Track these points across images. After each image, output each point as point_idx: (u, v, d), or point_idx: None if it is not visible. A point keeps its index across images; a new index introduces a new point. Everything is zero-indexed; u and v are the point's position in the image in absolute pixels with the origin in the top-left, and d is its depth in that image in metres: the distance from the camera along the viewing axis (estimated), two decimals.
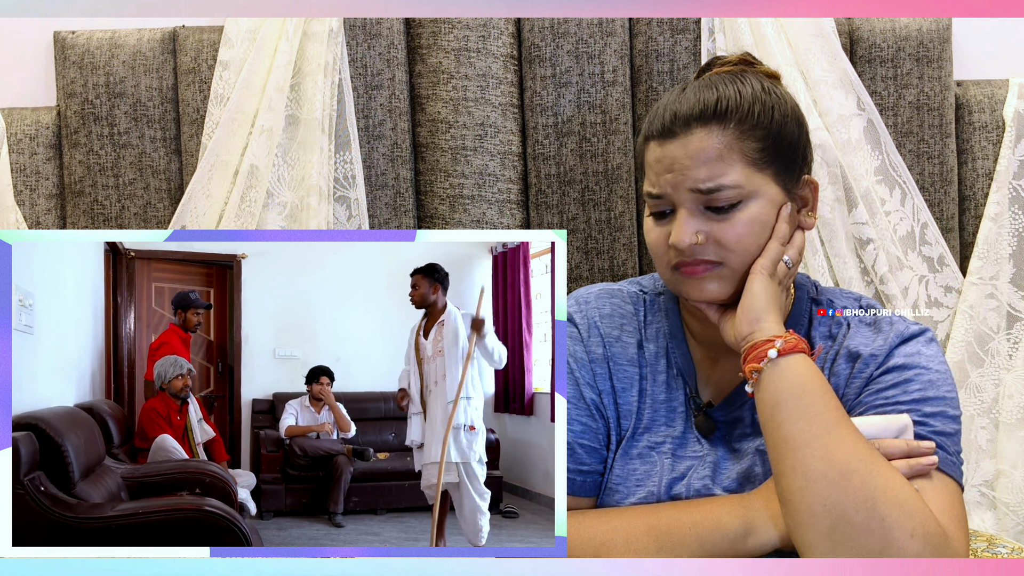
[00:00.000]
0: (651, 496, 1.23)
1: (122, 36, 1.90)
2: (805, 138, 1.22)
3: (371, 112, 1.89)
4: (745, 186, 1.15)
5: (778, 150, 1.17)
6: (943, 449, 1.13)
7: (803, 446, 1.06)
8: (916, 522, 1.03)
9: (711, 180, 1.14)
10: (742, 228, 1.15)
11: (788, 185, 1.19)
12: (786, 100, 1.21)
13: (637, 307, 1.31)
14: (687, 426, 1.26)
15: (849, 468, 1.04)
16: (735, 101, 1.16)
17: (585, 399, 1.26)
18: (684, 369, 1.28)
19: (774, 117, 1.17)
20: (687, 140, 1.15)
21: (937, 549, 1.03)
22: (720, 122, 1.15)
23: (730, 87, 1.18)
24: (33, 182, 1.90)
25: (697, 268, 1.16)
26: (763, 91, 1.19)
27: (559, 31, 1.88)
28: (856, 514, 1.02)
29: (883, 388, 1.17)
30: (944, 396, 1.16)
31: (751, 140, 1.16)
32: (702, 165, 1.14)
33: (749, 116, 1.16)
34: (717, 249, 1.16)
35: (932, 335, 1.22)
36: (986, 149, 1.89)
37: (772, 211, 1.17)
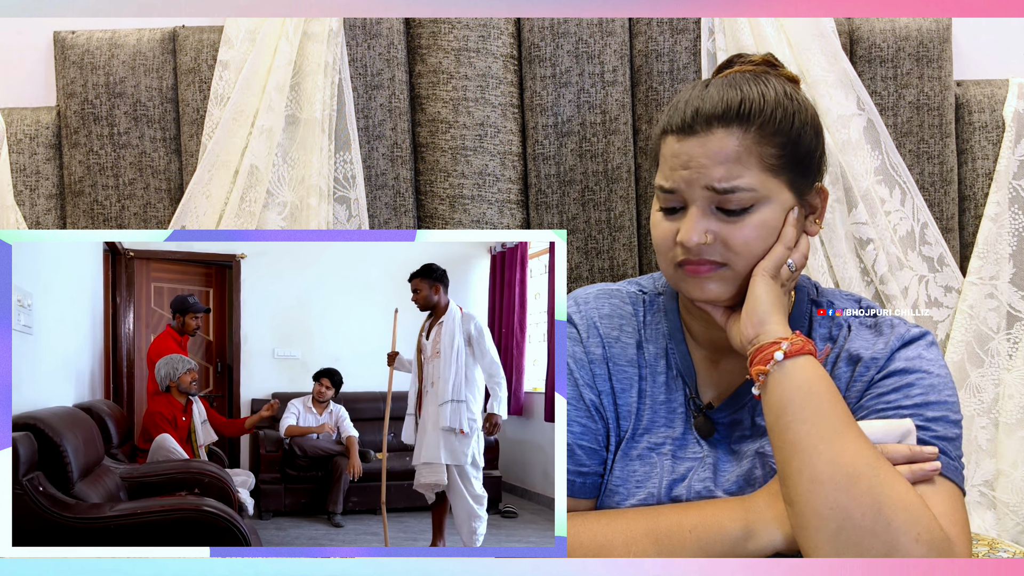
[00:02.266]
0: (651, 497, 1.23)
1: (122, 36, 1.90)
2: (822, 147, 1.22)
3: (371, 112, 1.89)
4: (759, 190, 1.14)
5: (795, 157, 1.17)
6: (945, 454, 1.13)
7: (810, 449, 1.06)
8: (921, 527, 1.03)
9: (727, 180, 1.13)
10: (751, 232, 1.15)
11: (801, 192, 1.19)
12: (807, 108, 1.20)
13: (636, 307, 1.31)
14: (687, 427, 1.26)
15: (856, 472, 1.04)
16: (759, 104, 1.15)
17: (584, 400, 1.26)
18: (684, 370, 1.27)
19: (794, 124, 1.17)
20: (707, 139, 1.14)
21: (941, 554, 1.03)
22: (742, 124, 1.14)
23: (754, 89, 1.17)
24: (33, 182, 1.90)
25: (701, 268, 1.16)
26: (786, 96, 1.18)
27: (559, 31, 1.88)
28: (862, 518, 1.03)
29: (885, 392, 1.17)
30: (946, 400, 1.16)
31: (770, 146, 1.15)
32: (719, 165, 1.14)
33: (771, 121, 1.15)
34: (723, 251, 1.15)
35: (933, 338, 1.22)
36: (986, 149, 1.89)
37: (782, 217, 1.17)
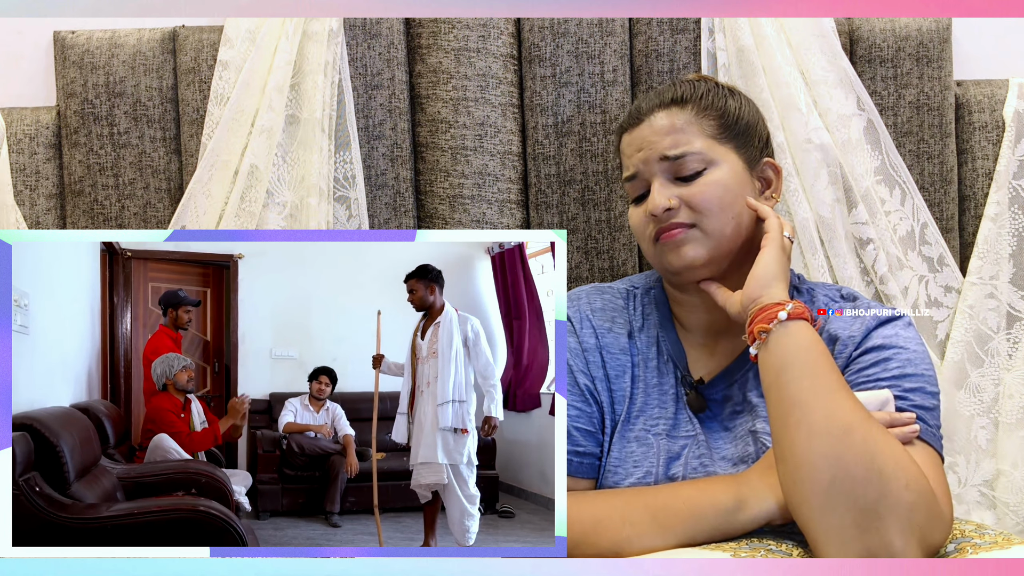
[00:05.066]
0: (649, 476, 1.28)
1: (122, 36, 1.90)
2: (762, 124, 1.36)
3: (371, 112, 1.88)
4: (707, 154, 1.29)
5: (735, 129, 1.32)
6: (923, 421, 1.19)
7: (808, 403, 1.11)
8: (911, 475, 1.07)
9: (676, 147, 1.29)
10: (709, 190, 1.27)
11: (749, 160, 1.32)
12: (740, 95, 1.37)
13: (627, 301, 1.40)
14: (679, 407, 1.32)
15: (851, 425, 1.09)
16: (690, 90, 1.33)
17: (579, 385, 1.32)
18: (674, 354, 1.34)
19: (728, 102, 1.33)
20: (651, 121, 1.32)
21: (928, 503, 1.07)
22: (679, 104, 1.32)
23: (686, 84, 1.35)
24: (33, 182, 1.90)
25: (674, 232, 1.27)
26: (716, 85, 1.36)
27: (559, 31, 1.87)
28: (856, 467, 1.06)
29: (863, 367, 1.23)
30: (923, 373, 1.23)
31: (708, 118, 1.31)
32: (666, 136, 1.30)
33: (703, 99, 1.32)
34: (688, 212, 1.27)
35: (909, 320, 1.29)
36: (986, 149, 1.89)
37: (734, 177, 1.29)
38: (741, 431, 1.29)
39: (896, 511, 1.05)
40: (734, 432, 1.29)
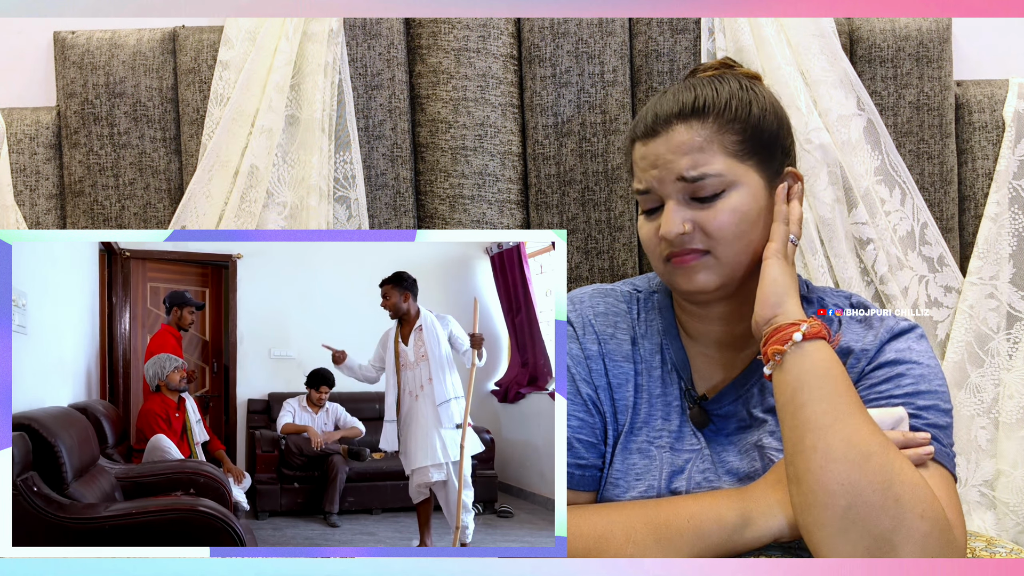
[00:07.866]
0: (651, 490, 1.24)
1: (122, 36, 1.90)
2: (785, 131, 1.27)
3: (371, 112, 1.88)
4: (727, 175, 1.20)
5: (758, 142, 1.22)
6: (937, 441, 1.16)
7: (826, 427, 1.08)
8: (927, 505, 1.05)
9: (694, 169, 1.19)
10: (726, 217, 1.20)
11: (770, 176, 1.24)
12: (764, 96, 1.26)
13: (631, 305, 1.34)
14: (683, 420, 1.28)
15: (869, 451, 1.06)
16: (712, 98, 1.22)
17: (581, 395, 1.28)
18: (679, 364, 1.30)
19: (752, 111, 1.23)
20: (669, 136, 1.22)
21: (943, 532, 1.05)
22: (699, 117, 1.21)
23: (708, 87, 1.24)
24: (33, 182, 1.90)
25: (687, 257, 1.21)
26: (740, 88, 1.25)
27: (559, 31, 1.87)
28: (873, 494, 1.04)
29: (876, 383, 1.20)
30: (936, 390, 1.19)
31: (730, 133, 1.21)
32: (684, 156, 1.20)
33: (727, 111, 1.22)
34: (704, 238, 1.20)
35: (922, 332, 1.25)
36: (986, 149, 1.89)
37: (754, 202, 1.21)
38: (747, 445, 1.25)
39: (910, 540, 1.03)
40: (740, 446, 1.25)
